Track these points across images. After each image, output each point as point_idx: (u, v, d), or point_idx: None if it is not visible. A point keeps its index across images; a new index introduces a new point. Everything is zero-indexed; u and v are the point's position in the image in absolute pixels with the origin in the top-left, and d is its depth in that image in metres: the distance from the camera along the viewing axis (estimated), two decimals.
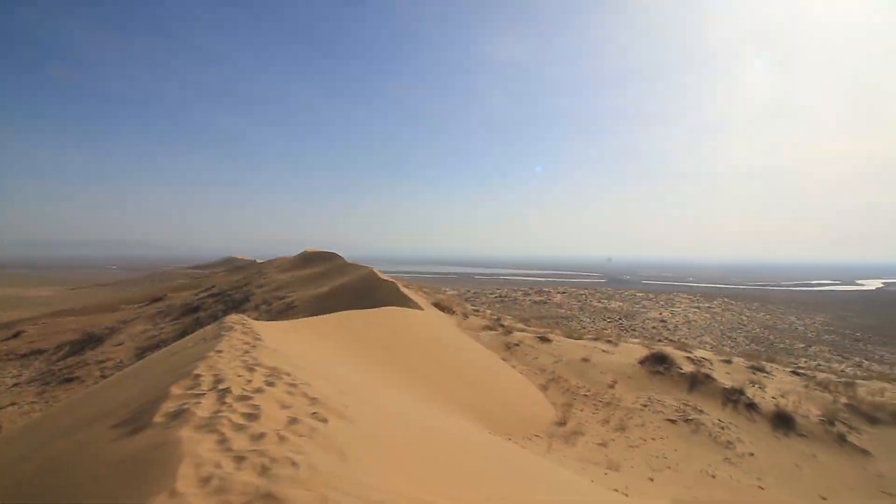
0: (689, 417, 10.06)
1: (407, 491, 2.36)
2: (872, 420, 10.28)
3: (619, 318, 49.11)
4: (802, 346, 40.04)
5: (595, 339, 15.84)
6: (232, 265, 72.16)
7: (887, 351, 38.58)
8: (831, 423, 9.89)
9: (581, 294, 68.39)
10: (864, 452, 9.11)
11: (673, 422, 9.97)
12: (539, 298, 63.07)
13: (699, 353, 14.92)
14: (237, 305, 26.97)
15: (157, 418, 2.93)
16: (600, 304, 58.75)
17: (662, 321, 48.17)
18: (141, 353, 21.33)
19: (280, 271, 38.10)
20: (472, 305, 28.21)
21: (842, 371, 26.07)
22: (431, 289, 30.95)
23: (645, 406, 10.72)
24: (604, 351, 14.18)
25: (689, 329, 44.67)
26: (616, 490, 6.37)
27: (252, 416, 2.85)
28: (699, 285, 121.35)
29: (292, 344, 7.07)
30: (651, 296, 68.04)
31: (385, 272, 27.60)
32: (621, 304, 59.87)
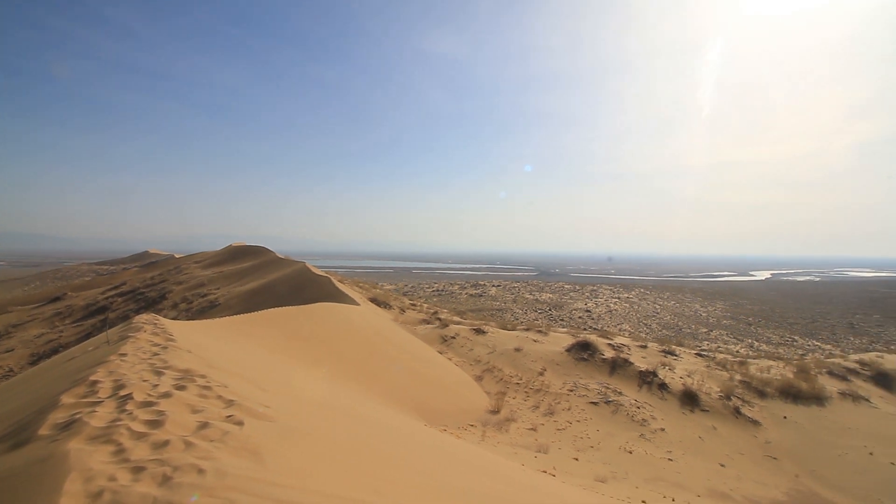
0: (610, 399, 10.82)
1: (327, 488, 2.28)
2: (761, 394, 11.74)
3: (549, 309, 51.57)
4: (705, 330, 44.52)
5: (527, 330, 16.47)
6: (146, 261, 65.98)
7: (773, 333, 44.04)
8: (728, 398, 11.16)
9: (514, 287, 70.86)
10: (755, 423, 10.39)
11: (595, 404, 10.67)
12: (475, 292, 64.42)
13: (619, 339, 16.05)
14: (152, 304, 24.81)
15: (43, 431, 2.60)
16: (532, 297, 61.26)
17: (587, 311, 51.27)
18: (36, 360, 18.94)
19: (202, 267, 35.52)
20: (410, 300, 28.15)
21: (737, 351, 29.38)
22: (368, 284, 30.47)
23: (571, 391, 11.36)
24: (535, 341, 14.79)
25: (610, 318, 47.94)
26: (544, 471, 6.68)
27: (156, 423, 2.60)
28: (619, 277, 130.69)
29: (212, 344, 6.60)
30: (577, 287, 72.11)
31: (319, 267, 26.73)
32: (551, 295, 62.84)
